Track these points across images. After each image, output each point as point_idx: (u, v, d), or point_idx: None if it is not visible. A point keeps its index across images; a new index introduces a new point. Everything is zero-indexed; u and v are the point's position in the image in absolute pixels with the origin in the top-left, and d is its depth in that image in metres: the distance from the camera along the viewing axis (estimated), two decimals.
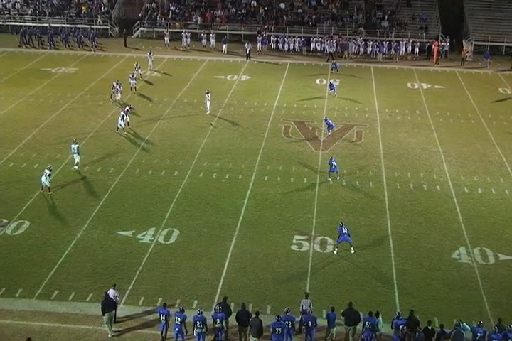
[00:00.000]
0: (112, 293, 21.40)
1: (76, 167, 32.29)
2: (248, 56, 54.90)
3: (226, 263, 24.88)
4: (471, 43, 57.49)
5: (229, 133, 38.05)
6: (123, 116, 37.10)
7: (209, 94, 40.64)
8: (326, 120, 38.14)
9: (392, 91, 47.12)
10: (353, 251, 25.67)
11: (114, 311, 20.99)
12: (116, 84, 42.40)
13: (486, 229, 27.99)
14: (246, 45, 55.04)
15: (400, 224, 28.04)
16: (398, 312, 20.68)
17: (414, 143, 37.35)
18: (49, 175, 29.63)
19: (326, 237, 26.79)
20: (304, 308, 21.06)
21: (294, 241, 26.53)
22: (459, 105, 44.37)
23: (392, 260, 25.39)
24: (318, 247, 26.13)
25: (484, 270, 24.92)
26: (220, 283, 23.66)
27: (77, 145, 32.20)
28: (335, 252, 25.74)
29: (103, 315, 20.82)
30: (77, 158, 32.33)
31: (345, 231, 25.52)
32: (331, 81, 47.28)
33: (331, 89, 44.99)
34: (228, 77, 49.34)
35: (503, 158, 35.38)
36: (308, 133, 38.31)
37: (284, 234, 26.99)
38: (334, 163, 31.92)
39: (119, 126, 37.20)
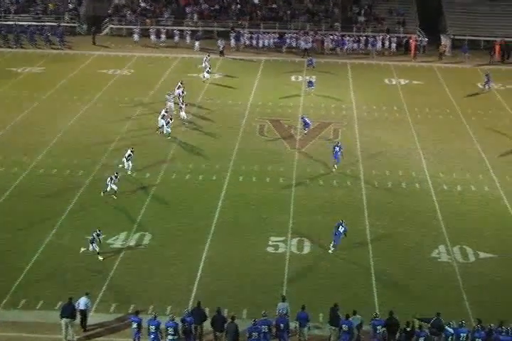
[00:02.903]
0: (83, 301, 20.84)
1: (129, 172, 31.47)
2: (221, 53, 54.19)
3: (200, 267, 24.40)
4: (449, 37, 57.22)
5: (202, 132, 37.37)
6: (168, 122, 36.11)
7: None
8: (302, 118, 37.55)
9: (370, 88, 46.67)
10: (330, 250, 25.28)
11: (72, 319, 20.38)
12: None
13: (466, 226, 27.79)
14: (219, 41, 54.33)
15: (378, 223, 27.74)
16: (376, 313, 20.54)
17: (392, 140, 36.96)
18: (111, 179, 28.94)
19: (303, 238, 26.39)
20: (280, 312, 20.70)
21: (270, 242, 26.12)
22: (437, 101, 44.06)
23: (370, 260, 25.10)
24: (295, 248, 25.70)
25: (464, 268, 24.74)
26: (194, 288, 23.20)
27: (128, 153, 31.45)
28: (330, 251, 25.36)
29: (60, 318, 20.36)
30: (127, 165, 31.40)
31: (341, 230, 25.13)
32: (309, 78, 46.57)
33: (310, 86, 44.19)
34: (201, 75, 48.46)
35: (482, 154, 35.10)
36: (284, 132, 37.72)
37: (260, 236, 26.57)
38: (337, 149, 31.83)
39: (165, 131, 36.24)
